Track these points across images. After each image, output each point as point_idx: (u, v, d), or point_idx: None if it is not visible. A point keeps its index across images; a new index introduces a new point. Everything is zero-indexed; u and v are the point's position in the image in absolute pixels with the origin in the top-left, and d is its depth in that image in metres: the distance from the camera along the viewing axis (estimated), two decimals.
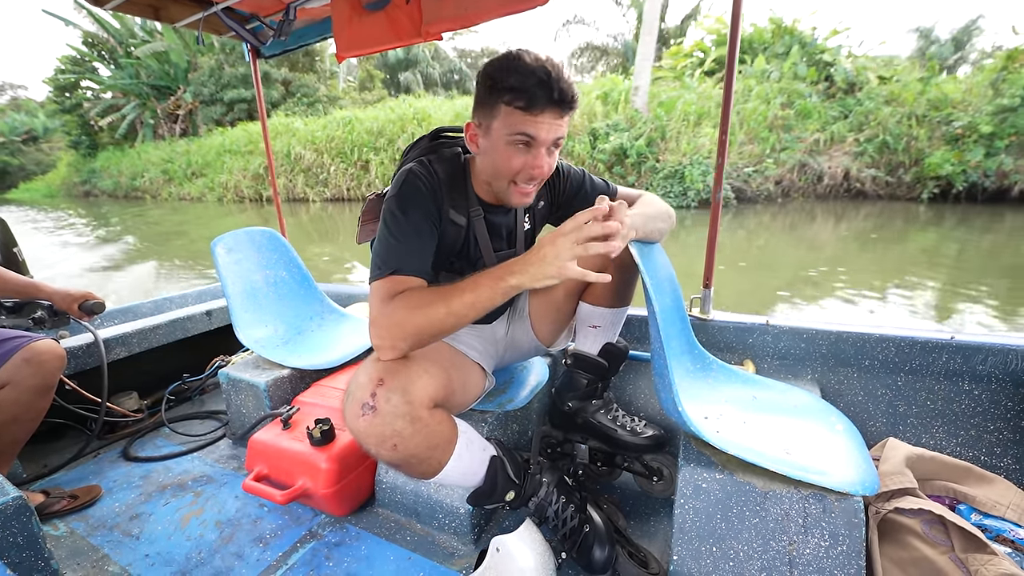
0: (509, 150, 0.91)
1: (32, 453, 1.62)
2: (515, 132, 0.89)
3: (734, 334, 1.46)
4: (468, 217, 1.04)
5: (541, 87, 0.84)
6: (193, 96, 17.48)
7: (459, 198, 1.02)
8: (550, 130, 0.89)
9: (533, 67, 0.85)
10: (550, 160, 0.94)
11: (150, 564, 1.18)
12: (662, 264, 1.13)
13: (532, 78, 0.84)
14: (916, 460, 1.05)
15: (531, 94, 0.85)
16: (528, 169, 0.92)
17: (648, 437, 1.22)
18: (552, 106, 0.86)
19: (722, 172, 1.42)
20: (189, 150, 16.51)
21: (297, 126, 14.23)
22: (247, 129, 15.39)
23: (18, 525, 0.93)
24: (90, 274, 6.84)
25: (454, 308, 0.83)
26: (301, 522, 1.29)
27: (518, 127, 0.88)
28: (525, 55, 0.87)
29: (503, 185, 0.97)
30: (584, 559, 1.02)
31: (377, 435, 0.83)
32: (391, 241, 0.93)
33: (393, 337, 0.85)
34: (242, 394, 1.63)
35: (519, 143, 0.90)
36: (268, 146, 2.40)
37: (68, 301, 1.47)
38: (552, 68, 0.85)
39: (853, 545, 0.86)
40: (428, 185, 0.98)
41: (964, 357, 1.22)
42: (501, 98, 0.88)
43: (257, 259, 1.90)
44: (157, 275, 6.71)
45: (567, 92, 0.86)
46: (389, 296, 0.87)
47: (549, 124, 0.88)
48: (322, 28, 1.97)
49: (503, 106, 0.88)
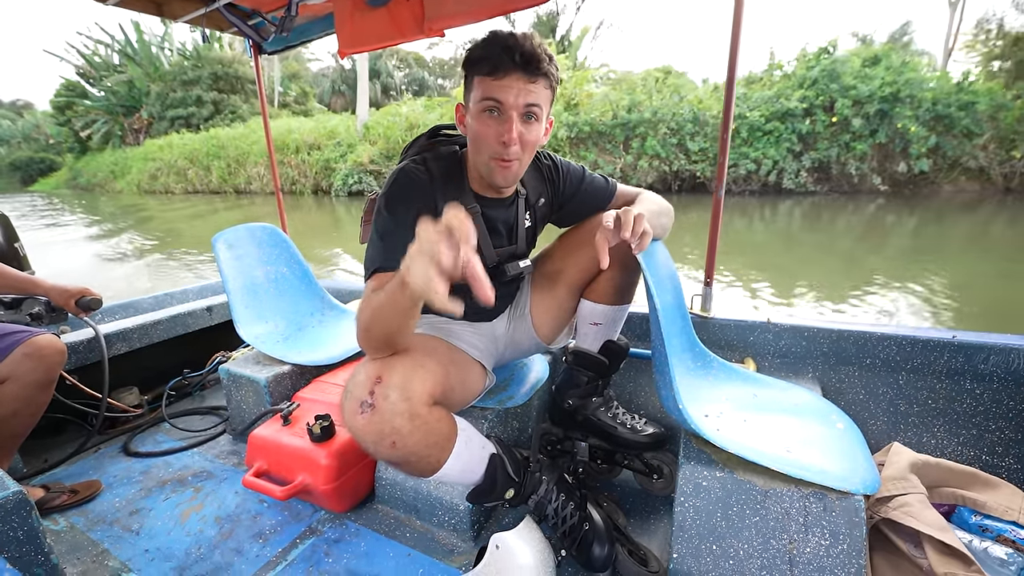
0: (482, 120, 0.92)
1: (32, 448, 1.62)
2: (483, 99, 0.91)
3: (735, 332, 1.46)
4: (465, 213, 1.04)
5: (505, 52, 0.87)
6: (148, 114, 23.01)
7: (455, 194, 1.02)
8: (519, 95, 0.89)
9: (500, 38, 0.88)
10: (526, 130, 0.93)
11: (150, 559, 1.18)
12: (664, 261, 1.13)
13: (497, 46, 0.88)
14: (921, 466, 1.04)
15: (495, 59, 0.88)
16: (499, 136, 0.92)
17: (648, 435, 1.22)
18: (516, 69, 0.88)
19: (724, 170, 1.41)
20: (127, 156, 22.20)
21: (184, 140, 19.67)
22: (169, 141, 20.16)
23: (18, 520, 0.93)
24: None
25: (374, 303, 0.80)
26: (301, 518, 1.29)
27: (485, 92, 0.90)
28: (499, 31, 0.90)
29: (484, 160, 0.97)
30: (584, 557, 1.02)
31: (375, 433, 0.83)
32: (376, 239, 0.94)
33: (361, 338, 0.86)
34: (242, 390, 1.63)
35: (489, 110, 0.91)
36: (270, 142, 2.40)
37: (65, 297, 1.47)
38: (520, 36, 0.88)
39: (854, 544, 0.85)
40: (421, 183, 0.97)
41: (966, 356, 1.21)
42: (474, 72, 0.92)
43: (258, 255, 1.90)
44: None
45: (532, 54, 0.88)
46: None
47: (517, 88, 0.89)
48: (324, 24, 1.96)
49: (476, 79, 0.91)
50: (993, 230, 7.43)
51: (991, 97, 9.68)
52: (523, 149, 0.95)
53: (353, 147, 14.40)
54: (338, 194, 13.90)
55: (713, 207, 1.44)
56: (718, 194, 1.43)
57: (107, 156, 23.68)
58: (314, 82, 27.85)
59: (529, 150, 0.96)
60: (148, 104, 22.75)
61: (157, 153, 19.92)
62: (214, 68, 21.91)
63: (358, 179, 13.65)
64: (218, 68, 21.93)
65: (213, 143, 18.03)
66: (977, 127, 9.65)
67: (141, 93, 23.24)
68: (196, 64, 22.25)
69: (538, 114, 0.93)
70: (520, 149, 0.94)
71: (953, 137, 9.74)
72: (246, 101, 22.08)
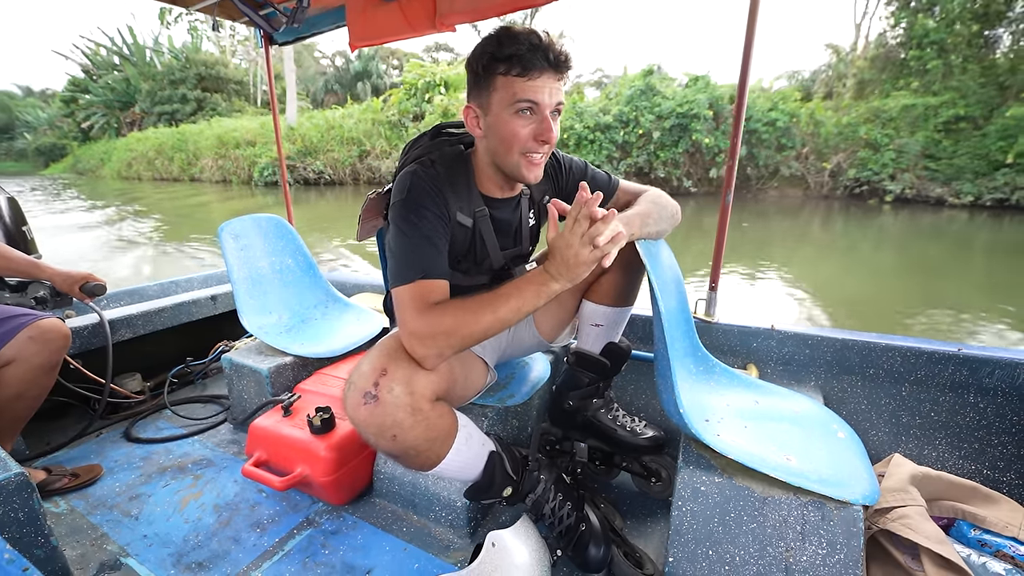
0: (514, 120, 0.90)
1: (35, 431, 1.63)
2: (517, 100, 0.88)
3: (738, 338, 1.45)
4: (474, 218, 1.03)
5: (536, 51, 0.85)
6: (139, 109, 25.88)
7: (464, 198, 1.01)
8: (551, 94, 0.89)
9: (525, 34, 0.86)
10: (554, 126, 0.93)
11: (148, 544, 1.18)
12: (668, 264, 1.13)
13: (526, 43, 0.85)
14: (922, 478, 1.04)
15: (526, 59, 0.86)
16: (538, 136, 0.91)
17: (648, 438, 1.22)
18: (549, 69, 0.87)
19: (732, 175, 1.41)
20: (114, 146, 24.67)
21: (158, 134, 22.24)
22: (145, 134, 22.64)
23: (19, 501, 0.94)
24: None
25: (501, 314, 0.84)
26: (299, 509, 1.29)
27: (519, 94, 0.88)
28: (512, 27, 0.88)
29: (513, 159, 0.95)
30: (579, 557, 1.02)
31: (377, 425, 0.83)
32: (411, 245, 0.91)
33: (441, 345, 0.84)
34: (244, 379, 1.64)
35: (523, 110, 0.90)
36: (278, 134, 2.40)
37: (69, 282, 1.47)
38: (543, 35, 0.87)
39: (851, 554, 0.85)
40: (434, 187, 0.96)
41: (971, 369, 1.20)
42: (497, 70, 0.88)
43: (263, 246, 1.90)
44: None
45: (560, 54, 0.87)
46: (424, 303, 0.86)
47: (549, 88, 0.89)
48: (335, 16, 1.96)
49: (500, 77, 0.88)
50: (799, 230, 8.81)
51: (811, 115, 11.41)
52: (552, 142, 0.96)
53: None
54: (256, 184, 16.49)
55: (720, 212, 1.44)
56: (726, 199, 1.42)
57: (100, 146, 26.62)
58: (309, 80, 29.46)
59: (555, 142, 0.97)
60: (140, 100, 25.59)
61: (134, 145, 22.59)
62: (199, 69, 24.62)
63: (272, 172, 16.15)
64: (202, 69, 24.64)
65: (177, 137, 20.41)
66: (789, 140, 11.40)
67: (135, 90, 26.17)
68: (184, 65, 24.94)
69: (561, 109, 0.94)
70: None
71: (765, 148, 11.45)
72: (227, 99, 24.78)
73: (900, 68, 12.08)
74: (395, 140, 15.12)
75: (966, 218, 9.46)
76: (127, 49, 27.34)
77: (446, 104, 14.02)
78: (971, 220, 9.29)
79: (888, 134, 10.89)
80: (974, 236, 8.15)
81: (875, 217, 9.72)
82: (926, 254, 6.92)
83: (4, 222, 1.79)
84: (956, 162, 10.33)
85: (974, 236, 8.15)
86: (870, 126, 11.07)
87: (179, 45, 26.86)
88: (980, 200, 9.94)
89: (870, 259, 6.61)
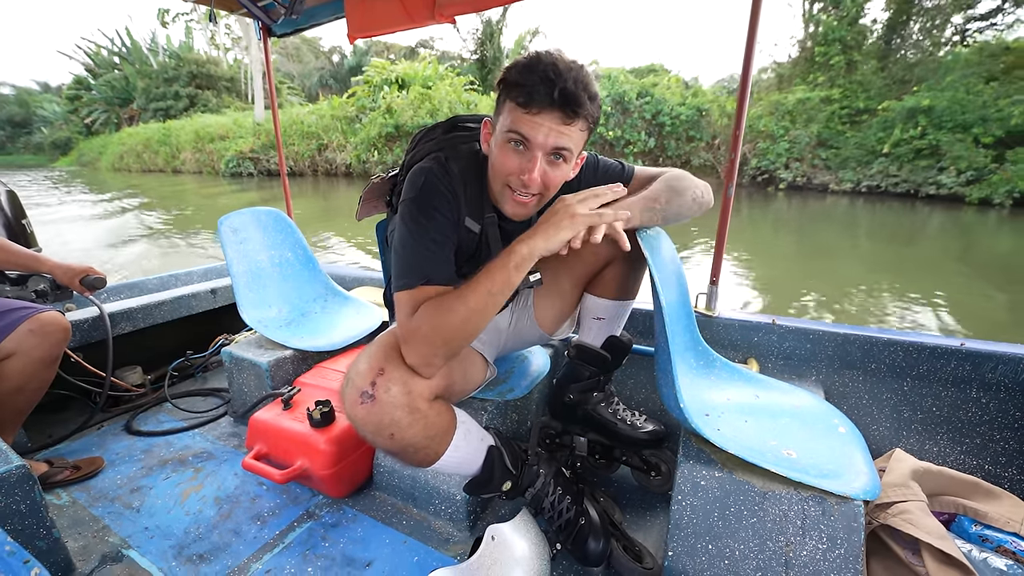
0: (505, 149, 0.86)
1: (37, 423, 1.64)
2: (509, 130, 0.84)
3: (739, 332, 1.44)
4: (483, 224, 1.00)
5: (543, 84, 0.79)
6: (137, 106, 27.64)
7: (474, 202, 0.97)
8: (548, 135, 0.82)
9: (542, 65, 0.79)
10: (551, 171, 0.87)
11: (149, 537, 1.19)
12: (670, 258, 1.12)
13: (536, 75, 0.79)
14: (923, 474, 1.03)
15: (530, 91, 0.80)
16: (519, 174, 0.86)
17: (648, 432, 1.21)
18: (552, 107, 0.80)
19: (735, 167, 1.39)
20: (110, 141, 26.31)
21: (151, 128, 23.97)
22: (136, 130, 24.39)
23: (21, 493, 0.94)
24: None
25: (472, 303, 0.81)
26: (299, 502, 1.30)
27: (513, 124, 0.83)
28: (545, 55, 0.81)
29: (497, 188, 0.92)
30: (579, 551, 1.02)
31: (374, 424, 0.83)
32: (417, 248, 0.88)
33: (424, 354, 0.82)
34: (244, 373, 1.64)
35: (514, 142, 0.85)
36: (278, 128, 2.38)
37: (69, 275, 1.47)
38: (563, 69, 0.79)
39: (851, 549, 0.85)
40: (448, 188, 0.93)
41: (973, 364, 1.20)
42: (508, 94, 0.84)
43: (263, 239, 1.90)
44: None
45: (572, 95, 0.79)
46: (415, 309, 0.84)
47: (548, 128, 0.81)
48: (334, 8, 1.94)
49: (508, 102, 0.84)
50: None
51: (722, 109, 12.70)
52: (545, 188, 0.89)
53: (245, 139, 18.36)
54: (223, 174, 17.95)
55: (722, 205, 1.42)
56: (728, 192, 1.41)
57: (99, 140, 28.59)
58: (306, 75, 31.65)
59: (552, 190, 0.90)
60: (137, 97, 27.48)
61: (126, 139, 24.29)
62: (191, 68, 26.23)
63: (237, 163, 17.55)
64: (194, 68, 26.27)
65: (163, 133, 21.97)
66: (697, 132, 12.73)
67: (133, 88, 28.03)
68: (177, 64, 26.65)
69: (567, 156, 0.86)
70: (541, 187, 0.88)
71: (675, 139, 12.86)
72: (217, 96, 26.40)
73: (809, 64, 13.07)
74: (350, 135, 16.07)
75: (847, 203, 10.36)
76: (125, 49, 28.99)
77: (389, 100, 15.04)
78: (851, 205, 10.19)
79: (784, 126, 11.84)
80: (856, 221, 8.93)
81: (772, 203, 10.61)
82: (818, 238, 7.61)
83: (4, 215, 1.78)
84: (843, 152, 11.24)
85: (856, 221, 8.93)
86: (769, 119, 12.00)
87: (176, 45, 28.39)
88: (858, 187, 10.89)
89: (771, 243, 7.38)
